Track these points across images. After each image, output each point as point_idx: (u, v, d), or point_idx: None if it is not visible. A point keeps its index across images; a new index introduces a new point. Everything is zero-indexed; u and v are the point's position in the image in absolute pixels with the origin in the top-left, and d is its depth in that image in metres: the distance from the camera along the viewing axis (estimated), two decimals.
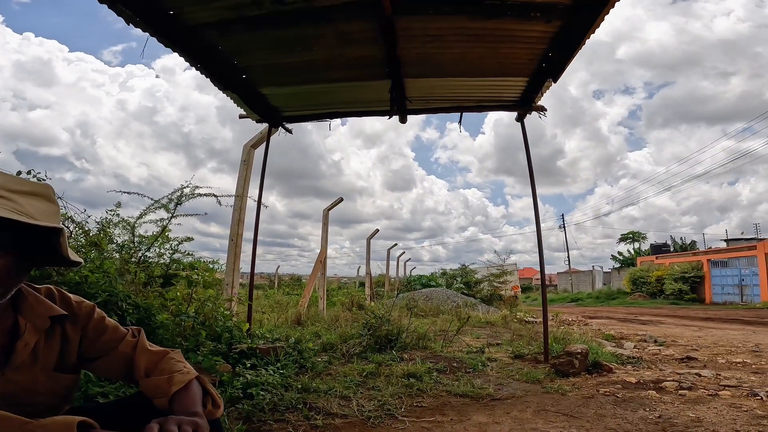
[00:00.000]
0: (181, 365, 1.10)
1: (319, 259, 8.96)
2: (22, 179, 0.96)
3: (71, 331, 1.11)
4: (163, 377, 1.05)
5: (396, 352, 4.57)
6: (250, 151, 5.84)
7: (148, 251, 4.85)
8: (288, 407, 2.70)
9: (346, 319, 7.02)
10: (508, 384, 3.59)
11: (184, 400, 1.00)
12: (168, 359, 1.12)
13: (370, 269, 14.15)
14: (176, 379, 1.04)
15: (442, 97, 4.97)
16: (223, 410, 1.12)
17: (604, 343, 6.27)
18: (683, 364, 4.76)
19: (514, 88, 4.66)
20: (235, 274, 5.43)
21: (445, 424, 2.58)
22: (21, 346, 1.00)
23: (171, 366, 1.09)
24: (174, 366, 1.09)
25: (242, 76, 4.34)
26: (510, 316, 10.14)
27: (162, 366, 1.09)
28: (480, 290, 17.13)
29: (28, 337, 1.02)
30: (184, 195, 4.93)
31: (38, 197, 0.94)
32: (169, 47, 3.63)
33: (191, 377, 1.06)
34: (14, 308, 1.03)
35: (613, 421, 2.63)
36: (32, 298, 1.07)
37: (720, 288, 22.39)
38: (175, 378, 1.04)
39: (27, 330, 1.02)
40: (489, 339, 6.18)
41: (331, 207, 9.36)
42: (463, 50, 3.87)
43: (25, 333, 1.01)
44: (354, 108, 5.17)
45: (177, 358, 1.14)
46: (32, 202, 0.92)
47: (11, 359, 0.98)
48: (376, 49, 3.82)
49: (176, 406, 0.99)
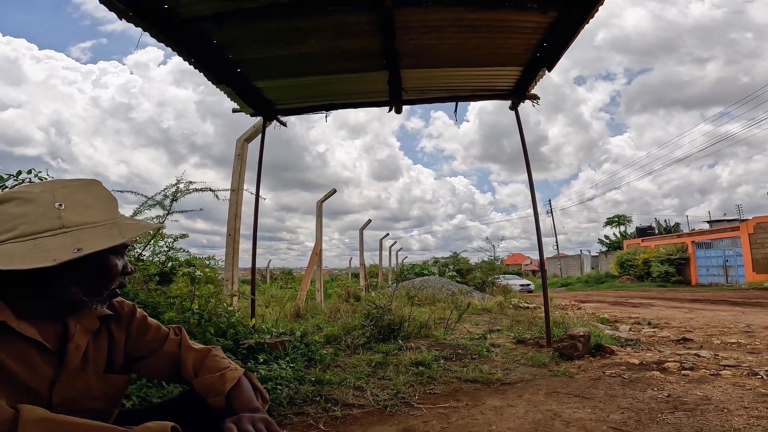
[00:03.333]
0: (227, 362, 1.10)
1: (315, 252, 8.93)
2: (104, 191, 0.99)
3: (117, 332, 1.10)
4: (215, 375, 1.05)
5: (400, 341, 4.61)
6: (244, 145, 5.78)
7: (144, 249, 4.78)
8: (305, 400, 2.72)
9: (345, 311, 7.03)
10: (515, 368, 3.65)
11: (242, 397, 1.00)
12: (213, 356, 1.11)
13: (363, 260, 14.16)
14: (228, 377, 1.04)
15: (438, 87, 4.98)
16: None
17: (600, 326, 6.40)
18: (680, 345, 4.89)
19: (509, 78, 4.68)
20: (235, 269, 5.40)
21: (460, 408, 2.63)
22: (72, 348, 0.99)
23: (218, 363, 1.09)
24: (221, 363, 1.09)
25: (236, 70, 4.28)
26: (505, 303, 10.28)
27: (209, 364, 1.09)
28: (473, 278, 17.29)
29: (78, 338, 1.01)
30: (179, 191, 4.86)
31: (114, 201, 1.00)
32: (163, 42, 3.55)
33: (240, 373, 1.06)
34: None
35: (624, 401, 2.70)
36: None
37: (705, 270, 22.90)
38: (227, 375, 1.04)
39: (77, 331, 1.01)
40: (489, 325, 6.26)
41: (324, 198, 9.32)
42: (460, 41, 3.88)
43: (76, 335, 1.00)
44: (350, 99, 5.14)
45: (220, 354, 1.14)
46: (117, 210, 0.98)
47: (65, 363, 0.97)
48: (374, 41, 3.79)
49: (235, 403, 0.99)
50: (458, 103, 5.23)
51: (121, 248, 0.97)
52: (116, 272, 0.97)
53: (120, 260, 0.98)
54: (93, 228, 0.89)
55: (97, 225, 0.90)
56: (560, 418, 2.43)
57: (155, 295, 3.56)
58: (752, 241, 19.97)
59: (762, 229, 19.79)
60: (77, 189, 0.91)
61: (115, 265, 0.96)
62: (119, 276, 0.98)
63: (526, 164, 5.09)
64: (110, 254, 0.95)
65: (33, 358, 0.93)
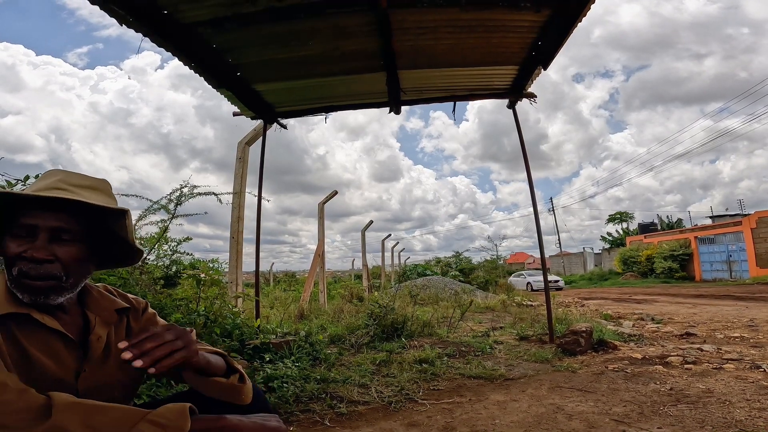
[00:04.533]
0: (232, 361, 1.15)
1: (317, 253, 8.97)
2: (82, 175, 1.02)
3: (134, 323, 1.15)
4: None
5: (404, 339, 4.64)
6: (245, 148, 5.82)
7: (150, 253, 4.82)
8: (311, 397, 2.75)
9: (349, 311, 7.07)
10: (518, 365, 3.68)
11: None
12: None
13: (366, 261, 14.19)
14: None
15: (436, 87, 5.02)
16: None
17: (603, 322, 6.41)
18: (683, 340, 4.90)
19: (505, 77, 4.72)
20: (239, 272, 5.44)
21: (464, 404, 2.66)
22: (94, 339, 1.03)
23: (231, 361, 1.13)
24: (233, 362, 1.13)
25: (236, 73, 4.32)
26: (508, 301, 10.30)
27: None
28: (476, 277, 17.31)
29: (99, 330, 1.05)
30: (184, 195, 4.90)
31: (98, 191, 1.01)
32: (163, 47, 3.59)
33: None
34: (80, 303, 1.07)
35: (627, 395, 2.72)
36: (95, 292, 1.11)
37: (709, 265, 22.84)
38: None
39: (97, 323, 1.05)
40: (491, 323, 6.29)
41: (326, 200, 9.36)
42: (456, 41, 3.93)
43: (96, 326, 1.05)
44: (349, 101, 5.18)
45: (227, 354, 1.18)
46: (93, 195, 0.98)
47: (88, 355, 1.01)
48: (372, 42, 3.83)
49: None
50: (456, 103, 5.27)
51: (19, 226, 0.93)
52: (9, 254, 0.93)
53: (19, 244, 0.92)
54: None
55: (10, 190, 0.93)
56: (563, 411, 2.46)
57: (162, 298, 3.60)
58: (755, 236, 19.93)
59: (765, 223, 19.75)
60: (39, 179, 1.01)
61: (7, 246, 0.93)
62: (18, 260, 0.92)
63: (525, 163, 5.12)
64: (6, 236, 0.94)
65: (58, 350, 0.97)
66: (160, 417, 0.81)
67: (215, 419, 0.88)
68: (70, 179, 0.98)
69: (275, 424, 0.95)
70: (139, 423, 0.80)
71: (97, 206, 0.96)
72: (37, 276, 0.91)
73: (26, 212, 0.93)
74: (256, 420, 0.93)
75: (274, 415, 1.00)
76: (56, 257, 0.93)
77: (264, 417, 0.97)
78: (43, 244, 0.92)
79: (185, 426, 0.82)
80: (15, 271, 0.92)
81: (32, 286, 0.92)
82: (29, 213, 0.93)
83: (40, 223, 0.92)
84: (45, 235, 0.93)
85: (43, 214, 0.93)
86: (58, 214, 0.94)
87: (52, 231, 0.93)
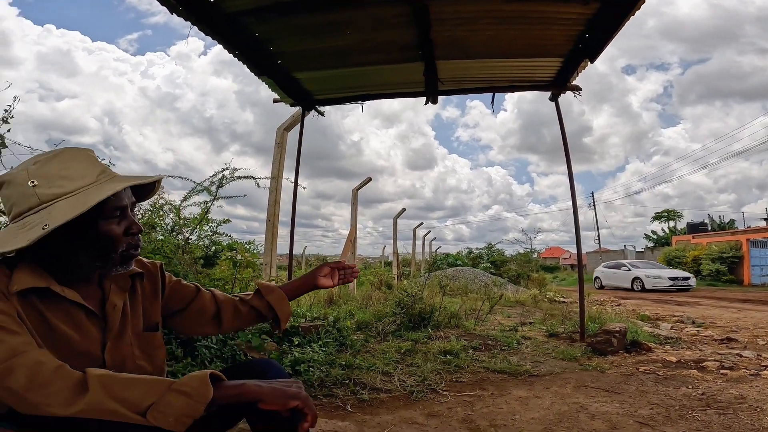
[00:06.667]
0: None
1: (349, 239, 9.10)
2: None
3: (149, 289, 1.18)
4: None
5: (430, 329, 4.68)
6: (284, 133, 5.96)
7: (192, 233, 5.07)
8: (335, 383, 2.84)
9: (377, 299, 7.16)
10: (544, 361, 3.65)
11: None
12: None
13: (397, 249, 14.26)
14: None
15: (475, 78, 4.95)
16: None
17: (640, 323, 6.22)
18: (723, 345, 4.70)
19: (548, 69, 4.58)
20: (273, 254, 5.62)
21: (486, 398, 2.68)
22: (110, 308, 1.05)
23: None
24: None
25: (277, 62, 4.41)
26: (540, 296, 10.13)
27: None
28: (508, 270, 17.05)
29: (114, 298, 1.07)
30: (225, 178, 5.10)
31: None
32: (209, 35, 3.73)
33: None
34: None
35: (655, 397, 2.67)
36: None
37: (759, 269, 21.47)
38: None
39: (112, 291, 1.07)
40: (521, 318, 6.23)
41: (360, 186, 9.44)
42: (496, 32, 3.85)
43: (111, 295, 1.06)
44: (386, 90, 5.19)
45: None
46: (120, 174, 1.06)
47: (108, 325, 1.04)
48: (409, 33, 3.82)
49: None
50: (495, 94, 5.17)
51: (111, 210, 0.97)
52: (115, 236, 0.98)
53: (118, 223, 0.99)
54: (65, 200, 0.92)
55: (69, 195, 0.93)
56: (586, 410, 2.44)
57: (201, 278, 3.79)
58: None
59: None
60: (47, 162, 0.95)
61: (110, 229, 0.97)
62: (124, 238, 0.99)
63: (566, 155, 4.97)
64: (100, 220, 0.96)
65: (83, 323, 0.99)
66: (184, 386, 0.83)
67: (237, 386, 0.89)
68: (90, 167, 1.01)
69: (295, 390, 0.92)
70: (166, 393, 0.82)
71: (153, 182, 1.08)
72: (138, 246, 1.03)
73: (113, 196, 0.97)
74: (276, 385, 0.92)
75: (296, 381, 0.97)
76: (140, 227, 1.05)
77: (285, 382, 0.95)
78: (133, 218, 1.02)
79: (208, 393, 0.83)
80: (123, 247, 0.99)
81: (134, 256, 1.04)
82: (117, 196, 0.98)
83: (126, 202, 1.01)
84: (129, 211, 1.02)
85: (124, 193, 1.01)
86: (128, 192, 1.03)
87: (132, 206, 1.04)
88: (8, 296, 0.89)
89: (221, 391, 0.86)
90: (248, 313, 1.32)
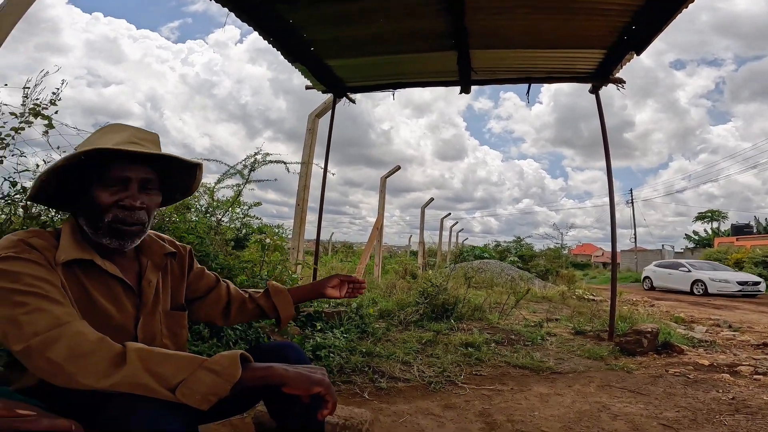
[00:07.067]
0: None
1: (376, 227, 9.13)
2: (143, 129, 1.08)
3: (178, 270, 1.22)
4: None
5: (453, 321, 4.67)
6: (315, 120, 6.01)
7: (224, 215, 5.22)
8: (354, 369, 2.87)
9: (401, 287, 7.19)
10: (569, 359, 3.59)
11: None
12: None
13: (423, 238, 14.20)
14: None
15: (510, 68, 4.81)
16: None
17: (673, 325, 6.00)
18: (759, 350, 4.49)
19: (590, 60, 4.40)
20: (301, 239, 5.72)
21: (505, 392, 2.67)
22: (146, 284, 1.09)
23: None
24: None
25: (310, 49, 4.44)
26: (568, 293, 9.91)
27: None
28: (536, 264, 16.73)
29: (149, 274, 1.11)
30: (257, 162, 5.22)
31: (157, 145, 1.09)
32: (245, 22, 3.79)
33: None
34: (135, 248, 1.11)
35: (683, 400, 2.59)
36: (148, 237, 1.15)
37: None
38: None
39: (148, 267, 1.11)
40: (547, 314, 6.12)
41: (388, 174, 9.42)
42: (534, 22, 3.72)
43: (147, 271, 1.11)
44: (418, 79, 5.14)
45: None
46: (156, 149, 1.06)
47: (142, 301, 1.08)
48: (442, 21, 3.75)
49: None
50: (531, 85, 5.03)
51: (110, 179, 0.99)
52: (101, 203, 0.98)
53: (112, 193, 0.99)
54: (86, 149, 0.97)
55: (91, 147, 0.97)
56: (608, 410, 2.40)
57: (230, 259, 3.91)
58: None
59: None
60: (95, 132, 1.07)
61: (98, 195, 0.98)
62: (112, 208, 0.99)
63: (605, 150, 4.79)
64: (95, 185, 0.99)
65: (120, 297, 1.03)
66: (214, 364, 0.85)
67: (264, 368, 0.90)
68: (139, 134, 1.04)
69: (319, 376, 0.93)
70: (197, 370, 0.84)
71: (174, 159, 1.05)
72: (131, 222, 1.00)
73: (117, 165, 0.99)
74: (301, 371, 0.93)
75: (321, 368, 0.98)
76: (144, 205, 1.03)
77: (310, 368, 0.96)
78: (135, 193, 1.01)
79: (236, 373, 0.85)
80: (109, 217, 0.98)
81: (126, 231, 1.00)
82: (120, 166, 0.99)
83: (132, 175, 1.00)
84: (135, 186, 1.01)
85: (135, 167, 1.01)
86: (144, 167, 1.02)
87: (141, 182, 1.02)
88: (54, 266, 0.92)
89: (249, 373, 0.87)
90: (253, 310, 1.37)
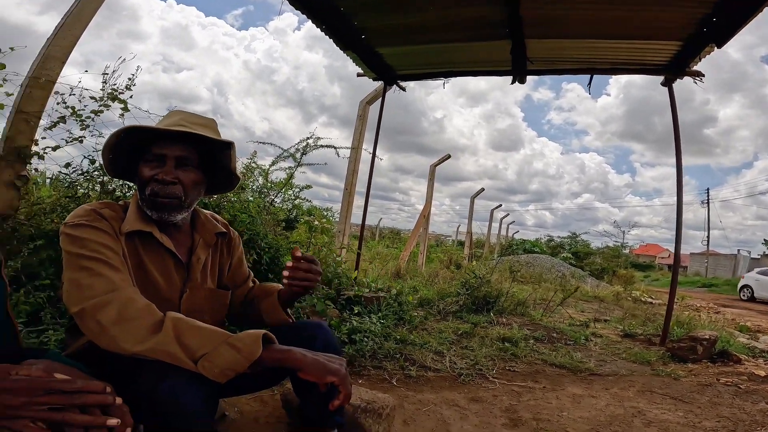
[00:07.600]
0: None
1: (423, 214, 9.14)
2: (197, 114, 1.19)
3: (226, 252, 1.30)
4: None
5: (492, 315, 4.63)
6: (366, 107, 6.10)
7: (277, 197, 5.47)
8: (386, 356, 2.90)
9: (444, 277, 7.18)
10: (611, 361, 3.46)
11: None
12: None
13: (471, 229, 13.99)
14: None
15: (570, 59, 4.59)
16: None
17: (737, 334, 5.58)
18: None
19: (662, 52, 4.10)
20: (347, 223, 5.88)
21: (536, 390, 2.64)
22: (195, 260, 1.17)
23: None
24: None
25: (361, 36, 4.49)
26: (624, 294, 9.43)
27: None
28: (591, 263, 15.98)
29: (200, 251, 1.19)
30: (309, 146, 5.40)
31: (209, 128, 1.18)
32: (299, 9, 3.91)
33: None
34: (191, 225, 1.23)
35: (727, 410, 2.46)
36: (203, 216, 1.26)
37: None
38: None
39: (200, 245, 1.20)
40: (596, 314, 5.89)
41: (438, 163, 9.35)
42: (596, 12, 3.52)
43: (198, 248, 1.19)
44: (470, 67, 5.05)
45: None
46: (206, 131, 1.15)
47: (190, 276, 1.16)
48: (496, 10, 3.66)
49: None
50: (593, 76, 4.77)
51: (151, 154, 1.10)
52: (143, 176, 1.09)
53: (151, 168, 1.09)
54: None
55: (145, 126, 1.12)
56: (643, 416, 2.31)
57: (279, 239, 4.11)
58: None
59: None
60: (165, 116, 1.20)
61: (141, 170, 1.10)
62: (151, 182, 1.09)
63: (675, 146, 4.47)
64: (141, 161, 1.11)
65: (170, 269, 1.13)
66: (237, 341, 0.90)
67: (283, 351, 0.94)
68: (189, 118, 1.15)
69: (336, 366, 0.95)
70: (221, 345, 0.89)
71: (210, 139, 1.13)
72: (164, 195, 1.09)
73: (157, 144, 1.10)
74: (319, 358, 0.96)
75: (340, 358, 1.00)
76: (179, 180, 1.10)
77: (329, 357, 0.98)
78: (170, 169, 1.09)
79: (257, 351, 0.89)
80: (148, 191, 1.09)
81: (160, 203, 1.09)
82: (160, 144, 1.10)
83: (168, 152, 1.09)
84: (172, 162, 1.10)
85: (171, 145, 1.10)
86: (182, 145, 1.11)
87: (177, 159, 1.10)
88: (118, 236, 1.05)
89: (268, 353, 0.92)
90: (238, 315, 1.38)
